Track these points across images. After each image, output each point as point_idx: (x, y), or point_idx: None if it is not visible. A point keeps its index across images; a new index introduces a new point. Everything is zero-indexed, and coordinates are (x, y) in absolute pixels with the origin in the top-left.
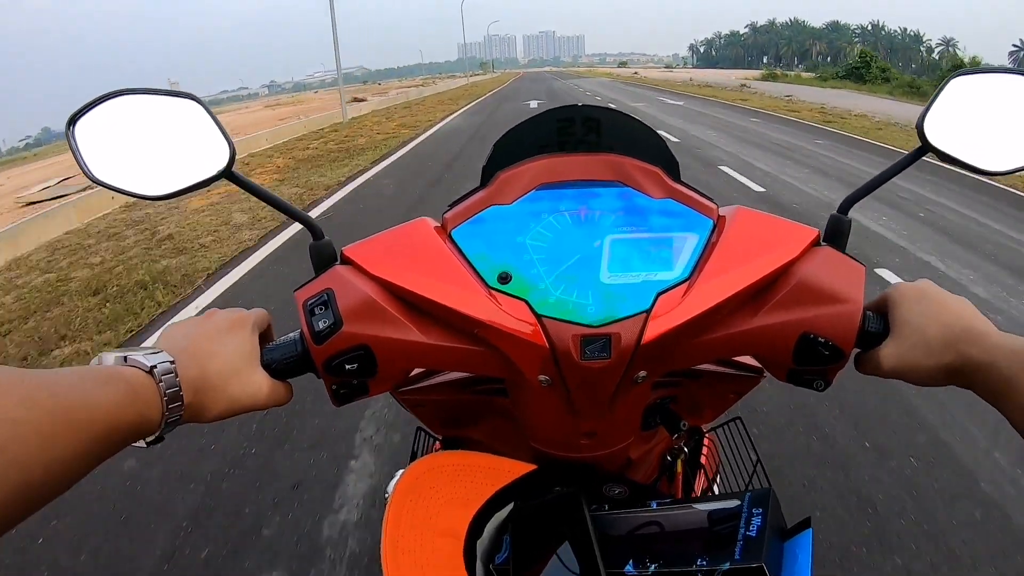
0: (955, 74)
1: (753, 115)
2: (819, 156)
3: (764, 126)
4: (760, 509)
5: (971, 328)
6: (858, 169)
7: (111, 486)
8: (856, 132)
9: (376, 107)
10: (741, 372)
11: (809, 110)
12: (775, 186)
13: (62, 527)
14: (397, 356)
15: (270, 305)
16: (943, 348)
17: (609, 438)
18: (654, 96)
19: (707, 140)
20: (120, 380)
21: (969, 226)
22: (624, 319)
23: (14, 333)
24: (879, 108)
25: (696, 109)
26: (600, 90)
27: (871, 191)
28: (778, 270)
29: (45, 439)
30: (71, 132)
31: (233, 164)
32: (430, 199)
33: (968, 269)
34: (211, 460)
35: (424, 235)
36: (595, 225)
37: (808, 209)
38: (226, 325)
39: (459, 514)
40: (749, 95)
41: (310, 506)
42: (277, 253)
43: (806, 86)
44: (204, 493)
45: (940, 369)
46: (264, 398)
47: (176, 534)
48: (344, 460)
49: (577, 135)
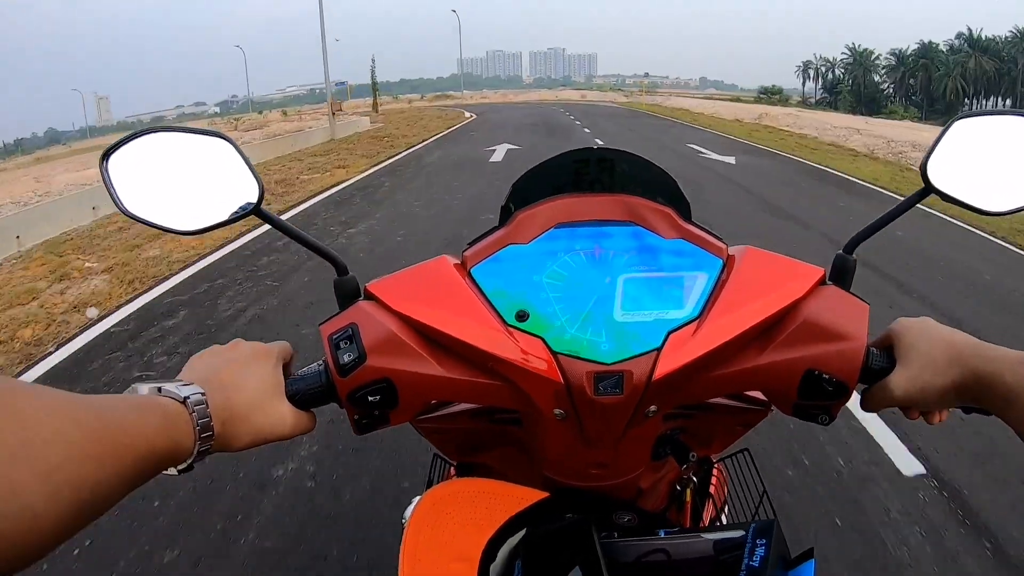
0: (958, 117)
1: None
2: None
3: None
4: (764, 540)
5: (975, 345)
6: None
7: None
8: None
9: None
10: (749, 405)
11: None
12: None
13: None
14: (418, 389)
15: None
16: (948, 366)
17: (620, 468)
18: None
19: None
20: (157, 409)
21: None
22: (636, 356)
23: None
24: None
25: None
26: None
27: (873, 233)
28: (785, 308)
29: (94, 461)
30: (104, 167)
31: (262, 202)
32: None
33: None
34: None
35: (445, 272)
36: (609, 264)
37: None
38: (251, 357)
39: (474, 540)
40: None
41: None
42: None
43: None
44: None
45: (949, 387)
46: (289, 429)
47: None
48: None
49: (592, 176)
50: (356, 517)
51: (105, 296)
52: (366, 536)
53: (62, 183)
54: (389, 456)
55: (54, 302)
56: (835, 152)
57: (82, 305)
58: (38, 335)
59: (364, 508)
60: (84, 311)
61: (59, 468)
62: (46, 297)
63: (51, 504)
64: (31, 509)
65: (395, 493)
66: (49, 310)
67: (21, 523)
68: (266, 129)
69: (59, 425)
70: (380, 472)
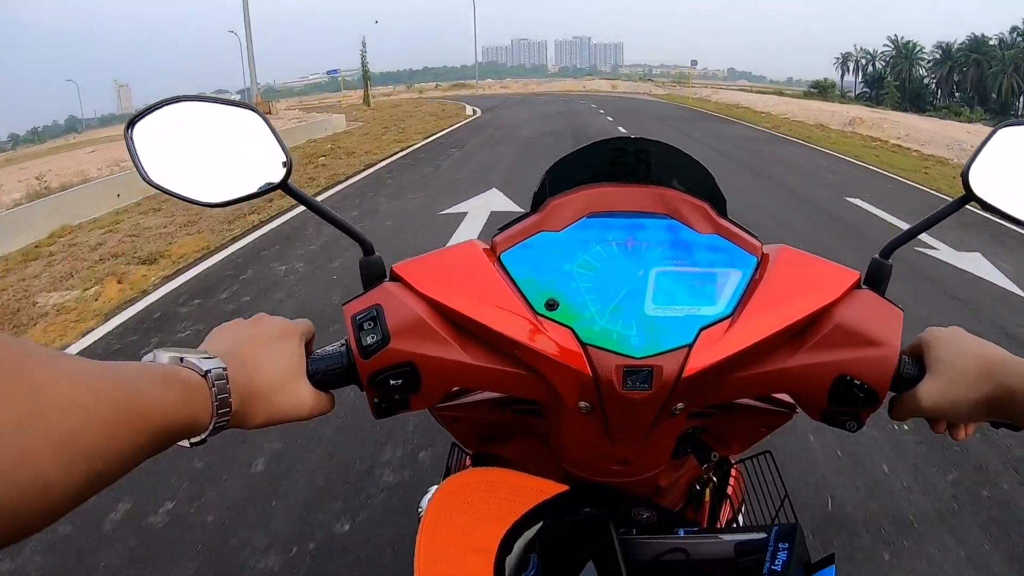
0: (1002, 124)
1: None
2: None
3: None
4: (786, 544)
5: (1006, 360)
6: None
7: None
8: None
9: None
10: (774, 407)
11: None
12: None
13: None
14: (441, 374)
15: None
16: (980, 380)
17: (641, 465)
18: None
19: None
20: (177, 380)
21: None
22: (667, 352)
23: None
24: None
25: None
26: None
27: (912, 238)
28: (818, 311)
29: (110, 430)
30: (129, 135)
31: (290, 176)
32: None
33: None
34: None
35: (474, 257)
36: (641, 257)
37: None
38: (274, 333)
39: (490, 531)
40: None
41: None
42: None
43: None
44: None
45: (980, 401)
46: (307, 410)
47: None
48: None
49: (628, 166)
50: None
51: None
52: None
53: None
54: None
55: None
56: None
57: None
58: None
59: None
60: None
61: (73, 437)
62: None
63: (63, 473)
64: (43, 478)
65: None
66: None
67: (33, 492)
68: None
69: (74, 393)
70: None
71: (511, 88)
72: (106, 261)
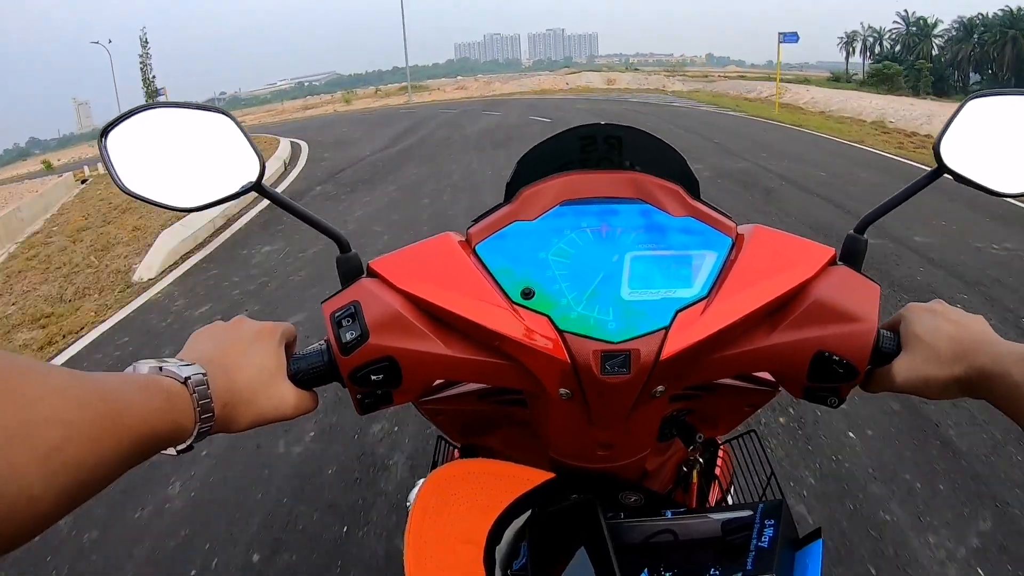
0: (972, 96)
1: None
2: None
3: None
4: (772, 520)
5: (981, 340)
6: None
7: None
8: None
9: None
10: (757, 386)
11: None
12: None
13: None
14: (422, 368)
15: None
16: (954, 360)
17: (626, 449)
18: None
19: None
20: (158, 389)
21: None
22: (644, 335)
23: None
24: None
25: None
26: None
27: (887, 212)
28: (795, 289)
29: (94, 441)
30: (103, 143)
31: (263, 177)
32: None
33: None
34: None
35: (449, 249)
36: (616, 242)
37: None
38: (254, 336)
39: (479, 521)
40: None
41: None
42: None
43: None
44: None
45: (953, 381)
46: (291, 410)
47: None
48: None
49: (599, 152)
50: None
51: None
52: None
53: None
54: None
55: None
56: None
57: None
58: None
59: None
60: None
61: (58, 449)
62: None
63: (49, 485)
64: (29, 491)
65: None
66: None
67: (18, 504)
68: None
69: (59, 405)
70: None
71: (469, 89)
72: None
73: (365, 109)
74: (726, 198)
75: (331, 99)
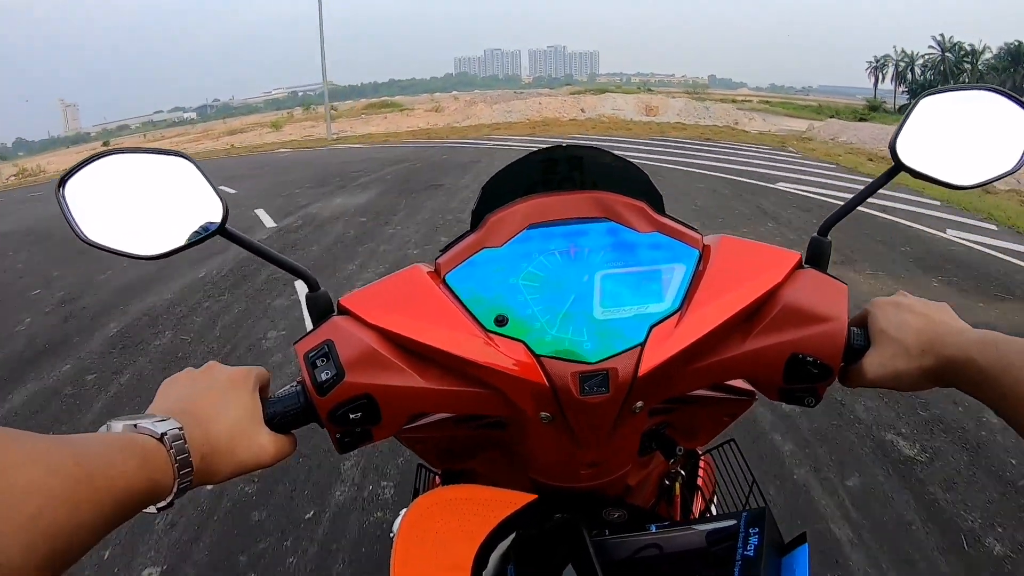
0: (924, 94)
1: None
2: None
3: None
4: (756, 528)
5: (947, 330)
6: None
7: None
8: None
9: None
10: (734, 396)
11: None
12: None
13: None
14: (400, 402)
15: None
16: (921, 353)
17: (609, 467)
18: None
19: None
20: (134, 447)
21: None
22: (620, 353)
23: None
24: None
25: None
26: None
27: (847, 213)
28: (764, 295)
29: (72, 507)
30: (61, 194)
31: (227, 220)
32: None
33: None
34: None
35: (419, 281)
36: (585, 262)
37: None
38: (227, 383)
39: (464, 548)
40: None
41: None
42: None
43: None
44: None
45: (922, 372)
46: (269, 458)
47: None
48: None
49: (561, 174)
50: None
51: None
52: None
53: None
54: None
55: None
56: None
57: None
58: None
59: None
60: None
61: (36, 518)
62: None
63: (28, 555)
64: (8, 562)
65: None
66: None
67: None
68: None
69: (35, 474)
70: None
71: (443, 113)
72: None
73: (252, 148)
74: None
75: (242, 124)
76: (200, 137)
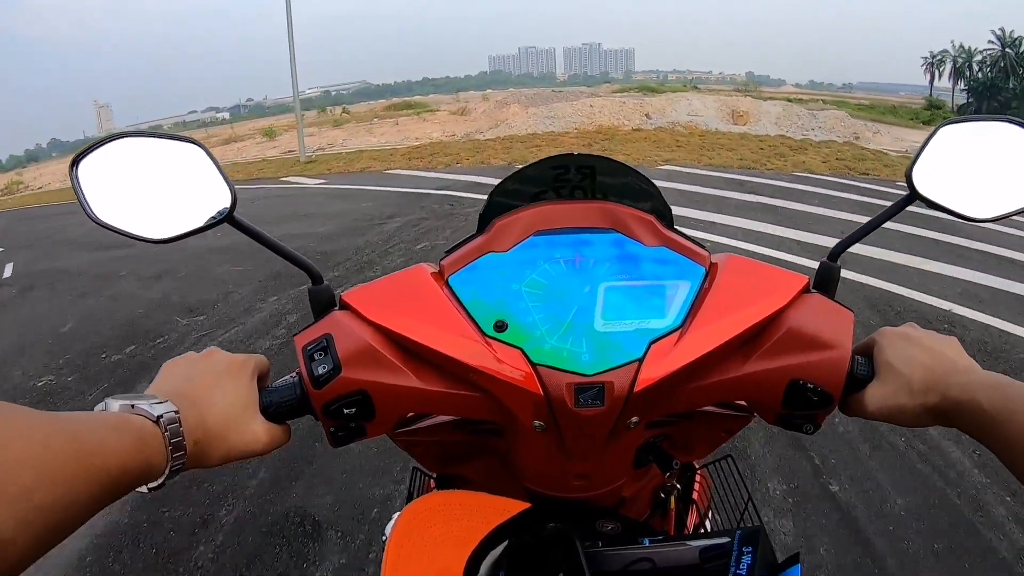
0: (944, 123)
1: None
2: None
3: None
4: (750, 547)
5: (953, 369)
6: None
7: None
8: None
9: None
10: (732, 412)
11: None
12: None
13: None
14: (395, 401)
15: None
16: (926, 390)
17: (602, 479)
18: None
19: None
20: (130, 427)
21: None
22: (617, 368)
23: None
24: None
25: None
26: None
27: (859, 240)
28: (768, 317)
29: (65, 483)
30: (74, 173)
31: (235, 208)
32: None
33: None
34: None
35: (422, 281)
36: (589, 273)
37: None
38: (226, 369)
39: (456, 553)
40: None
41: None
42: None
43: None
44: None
45: (924, 410)
46: (263, 446)
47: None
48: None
49: (572, 182)
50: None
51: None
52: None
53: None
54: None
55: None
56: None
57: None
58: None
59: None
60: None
61: (29, 493)
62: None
63: (21, 529)
64: (1, 535)
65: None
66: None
67: None
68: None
69: (29, 448)
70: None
71: (468, 118)
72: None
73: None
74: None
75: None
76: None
